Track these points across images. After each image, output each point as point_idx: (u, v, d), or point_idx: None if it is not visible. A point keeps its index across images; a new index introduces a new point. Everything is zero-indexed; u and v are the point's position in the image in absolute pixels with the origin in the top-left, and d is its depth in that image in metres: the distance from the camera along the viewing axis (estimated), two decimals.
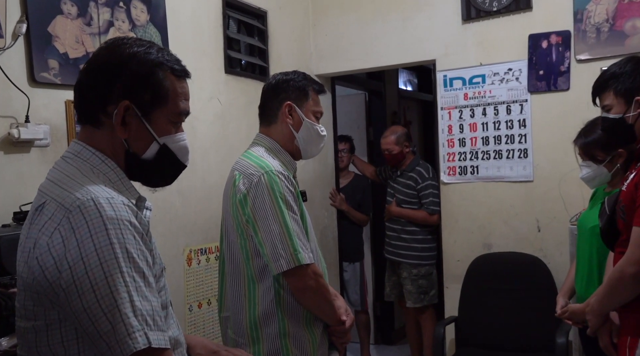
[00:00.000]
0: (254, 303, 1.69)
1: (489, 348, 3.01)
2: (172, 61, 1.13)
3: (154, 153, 1.12)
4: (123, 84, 1.07)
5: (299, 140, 1.80)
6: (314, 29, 3.67)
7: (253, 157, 1.75)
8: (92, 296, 0.93)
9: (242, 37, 3.07)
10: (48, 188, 1.05)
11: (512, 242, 3.14)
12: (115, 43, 1.11)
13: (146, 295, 0.98)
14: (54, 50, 2.02)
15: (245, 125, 2.99)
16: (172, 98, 1.12)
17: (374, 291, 4.55)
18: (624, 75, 1.76)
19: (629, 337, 1.74)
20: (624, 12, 2.82)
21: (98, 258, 0.94)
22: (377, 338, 4.56)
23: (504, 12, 3.10)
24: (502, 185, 3.17)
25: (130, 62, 1.08)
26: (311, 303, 1.69)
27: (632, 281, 1.67)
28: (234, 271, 1.74)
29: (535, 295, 2.94)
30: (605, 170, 2.20)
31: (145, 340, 0.94)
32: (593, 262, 2.25)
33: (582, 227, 2.36)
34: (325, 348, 1.79)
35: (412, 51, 3.38)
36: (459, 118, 3.27)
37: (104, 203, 0.98)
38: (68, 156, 1.10)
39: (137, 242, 1.00)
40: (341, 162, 4.06)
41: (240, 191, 1.68)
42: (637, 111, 1.74)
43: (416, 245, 3.56)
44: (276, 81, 1.83)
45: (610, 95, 1.78)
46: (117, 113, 1.07)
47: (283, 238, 1.61)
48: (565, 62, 2.96)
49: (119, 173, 1.10)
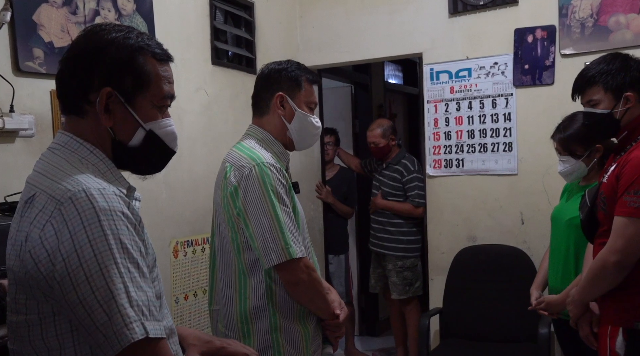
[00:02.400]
0: (244, 297, 1.68)
1: (473, 338, 3.04)
2: (152, 45, 1.11)
3: (141, 139, 1.10)
4: (103, 71, 1.05)
5: (292, 131, 1.78)
6: (301, 20, 3.65)
7: (245, 149, 1.72)
8: (87, 287, 0.92)
9: (229, 28, 3.05)
10: (37, 180, 1.03)
11: (497, 235, 3.17)
12: (93, 30, 1.09)
13: (141, 286, 0.97)
14: (39, 39, 1.99)
15: (232, 116, 2.98)
16: (155, 82, 1.10)
17: (359, 283, 4.57)
18: (614, 71, 1.79)
19: (610, 326, 1.79)
20: (607, 8, 2.85)
21: (92, 250, 0.93)
22: (361, 329, 4.59)
23: (490, 6, 3.11)
24: (487, 178, 3.20)
25: (109, 48, 1.06)
26: (304, 297, 1.67)
27: (614, 269, 1.72)
28: (225, 264, 1.73)
29: (519, 287, 2.98)
30: (583, 164, 2.25)
31: (143, 330, 0.94)
32: (570, 254, 2.29)
33: (557, 219, 2.39)
34: (318, 342, 1.78)
35: (399, 44, 3.39)
36: (445, 111, 3.29)
37: (96, 194, 0.97)
38: (55, 147, 1.08)
39: (131, 233, 0.99)
40: (327, 154, 4.07)
41: (231, 184, 1.66)
42: (626, 107, 1.78)
43: (401, 237, 3.58)
44: (269, 71, 1.80)
45: (600, 91, 1.81)
46: (100, 101, 1.05)
47: (274, 232, 1.59)
48: (550, 57, 2.99)
49: (107, 164, 1.09)
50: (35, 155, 1.99)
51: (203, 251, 2.73)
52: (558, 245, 2.36)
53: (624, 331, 1.73)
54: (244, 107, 3.05)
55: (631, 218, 1.67)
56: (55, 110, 2.03)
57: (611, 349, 1.75)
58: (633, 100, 1.77)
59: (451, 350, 3.02)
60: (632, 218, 1.67)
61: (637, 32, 2.78)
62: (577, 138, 2.23)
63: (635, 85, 1.79)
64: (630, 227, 1.68)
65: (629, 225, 1.68)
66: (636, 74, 1.79)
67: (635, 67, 1.81)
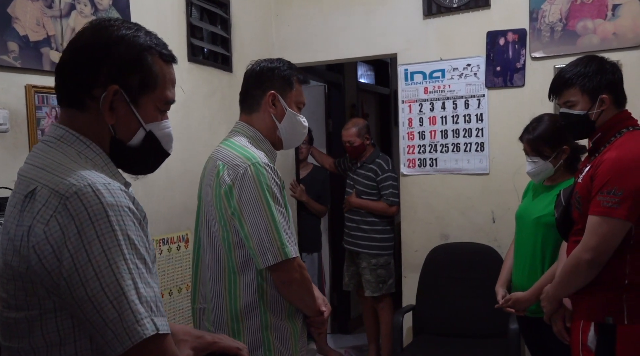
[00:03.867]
0: (235, 295, 1.66)
1: (445, 335, 3.10)
2: (160, 45, 1.10)
3: (140, 140, 1.10)
4: (111, 67, 1.03)
5: (281, 130, 1.77)
6: (276, 19, 3.65)
7: (237, 147, 1.70)
8: (97, 284, 0.91)
9: (205, 25, 3.03)
10: (34, 174, 1.00)
11: (468, 233, 3.24)
12: (102, 24, 1.07)
13: (149, 281, 0.96)
14: (13, 32, 1.94)
15: (208, 114, 2.97)
16: (161, 84, 1.09)
17: (331, 281, 4.60)
18: (590, 73, 1.85)
19: (582, 321, 1.84)
20: (576, 13, 2.94)
21: (101, 245, 0.92)
22: (333, 327, 4.62)
23: (463, 8, 3.18)
24: (459, 177, 3.27)
25: (118, 45, 1.04)
26: (295, 295, 1.68)
27: (588, 267, 1.77)
28: (214, 263, 1.71)
29: (490, 284, 3.02)
30: (550, 165, 2.31)
31: (153, 326, 0.93)
32: (536, 252, 2.34)
33: (522, 218, 2.44)
34: (304, 338, 1.79)
35: (374, 44, 3.42)
36: (419, 111, 3.34)
37: (102, 189, 0.95)
38: (50, 140, 1.05)
39: (137, 228, 0.98)
40: (300, 153, 4.08)
41: (225, 182, 1.63)
42: (601, 109, 1.84)
43: (375, 235, 3.62)
44: (260, 68, 1.78)
45: (576, 92, 1.86)
46: (106, 98, 1.03)
47: (270, 232, 1.58)
48: (521, 59, 3.07)
49: (104, 159, 1.07)
50: (10, 150, 1.96)
51: (179, 249, 2.71)
52: (524, 243, 2.41)
53: (595, 325, 1.79)
54: (220, 104, 3.04)
55: (604, 217, 1.73)
56: (30, 105, 1.99)
57: (583, 343, 1.81)
58: (608, 102, 1.84)
59: (424, 346, 3.07)
60: (605, 217, 1.73)
61: (603, 37, 2.88)
62: (544, 140, 2.30)
63: (610, 87, 1.85)
64: (603, 226, 1.73)
65: (602, 224, 1.74)
66: (611, 76, 1.85)
67: (611, 70, 1.87)
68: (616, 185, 1.71)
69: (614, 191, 1.71)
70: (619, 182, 1.71)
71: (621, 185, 1.70)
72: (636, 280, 1.74)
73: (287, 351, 1.69)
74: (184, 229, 2.74)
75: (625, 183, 1.70)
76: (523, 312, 2.37)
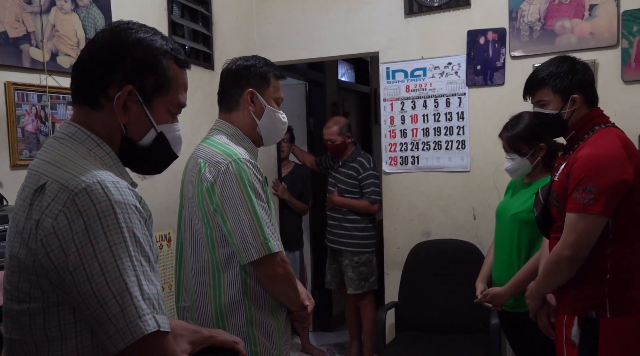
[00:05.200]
0: (219, 292, 1.67)
1: (428, 331, 3.13)
2: (175, 50, 1.14)
3: (151, 140, 1.13)
4: (127, 68, 1.07)
5: (261, 127, 1.78)
6: (257, 16, 3.64)
7: (218, 145, 1.71)
8: (102, 279, 0.93)
9: (187, 23, 3.01)
10: (45, 169, 1.02)
11: (450, 230, 3.27)
12: (121, 26, 1.11)
13: (152, 279, 0.98)
14: None
15: (190, 112, 2.94)
16: (174, 88, 1.13)
17: (313, 279, 4.61)
18: (562, 74, 1.89)
19: (566, 315, 1.88)
20: (554, 13, 2.99)
21: (107, 241, 0.94)
22: (315, 325, 4.63)
23: (444, 7, 3.20)
24: (441, 175, 3.30)
25: (136, 47, 1.08)
26: (279, 290, 1.69)
27: (568, 263, 1.81)
28: (197, 260, 1.71)
29: (471, 280, 3.06)
30: (528, 162, 2.35)
31: (155, 323, 0.95)
32: (513, 248, 2.38)
33: (502, 215, 2.49)
34: (288, 333, 1.80)
35: (356, 43, 3.43)
36: (401, 109, 3.36)
37: (111, 187, 0.98)
38: (62, 137, 1.07)
39: (143, 227, 1.00)
40: (282, 151, 4.07)
41: (207, 180, 1.64)
42: (572, 108, 1.88)
43: (357, 233, 3.64)
44: (236, 66, 1.79)
45: (549, 92, 1.90)
46: (120, 97, 1.06)
47: (253, 228, 1.60)
48: (501, 58, 3.11)
49: (114, 158, 1.10)
50: None
51: (161, 248, 2.69)
52: (503, 239, 2.45)
53: (579, 320, 1.83)
54: (202, 102, 3.02)
55: (581, 214, 1.77)
56: (10, 102, 1.95)
57: (567, 337, 1.85)
58: (579, 101, 1.88)
59: (406, 342, 3.09)
60: (582, 214, 1.77)
61: (580, 37, 2.94)
62: (522, 137, 2.34)
63: (581, 87, 1.89)
64: (580, 223, 1.77)
65: (579, 221, 1.78)
66: (581, 76, 1.90)
67: (582, 70, 1.91)
68: (591, 181, 1.75)
69: (589, 187, 1.75)
70: (593, 179, 1.75)
71: (596, 182, 1.74)
72: (617, 274, 1.78)
73: (272, 346, 1.70)
74: (167, 228, 2.72)
75: (600, 179, 1.74)
76: (501, 307, 2.41)
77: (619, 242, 1.79)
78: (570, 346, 1.84)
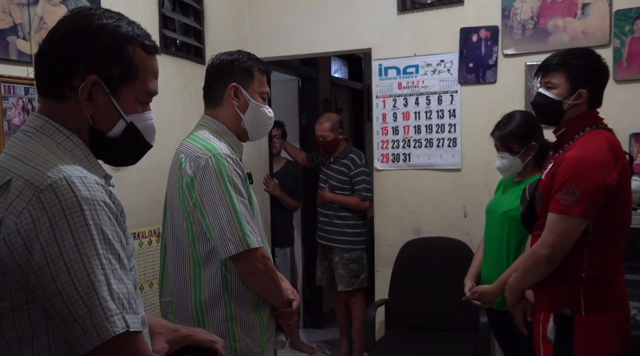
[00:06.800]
0: (199, 287, 1.67)
1: (417, 328, 3.13)
2: (142, 36, 1.08)
3: (120, 131, 1.08)
4: (90, 57, 1.01)
5: (246, 122, 1.78)
6: (250, 11, 3.62)
7: (199, 140, 1.71)
8: (68, 278, 0.89)
9: (178, 17, 2.98)
10: (10, 165, 0.98)
11: (440, 227, 3.27)
12: (83, 13, 1.05)
13: (122, 278, 0.95)
14: None
15: (180, 106, 2.92)
16: (142, 75, 1.08)
17: (303, 276, 4.60)
18: (580, 66, 1.87)
19: (543, 312, 1.91)
20: (547, 11, 2.99)
21: (73, 240, 0.90)
22: (305, 321, 4.63)
23: (437, 5, 3.20)
24: (432, 172, 3.29)
25: (99, 34, 1.02)
26: (260, 286, 1.68)
27: (546, 262, 1.84)
28: (179, 255, 1.70)
29: (461, 278, 3.07)
30: (519, 161, 2.36)
31: (124, 324, 0.92)
32: (503, 246, 2.39)
33: (492, 213, 2.50)
34: (272, 330, 1.79)
35: (349, 39, 3.42)
36: (393, 106, 3.35)
37: (78, 182, 0.93)
38: (29, 130, 1.03)
39: (112, 223, 0.96)
40: (274, 147, 4.06)
41: (187, 174, 1.64)
42: (576, 101, 1.87)
43: (348, 230, 3.63)
44: (220, 61, 1.78)
45: (561, 77, 1.89)
46: (84, 89, 1.01)
47: (231, 222, 1.59)
48: (493, 56, 3.10)
49: (84, 150, 1.05)
50: None
51: (150, 243, 2.67)
52: (492, 237, 2.46)
53: (554, 317, 1.85)
54: (192, 97, 3.00)
55: (562, 215, 1.79)
56: None
57: (543, 334, 1.87)
58: (584, 97, 1.87)
59: (396, 339, 3.09)
60: (563, 215, 1.78)
61: (573, 35, 2.94)
62: (514, 136, 2.34)
63: (593, 86, 1.88)
64: (561, 223, 1.79)
65: (560, 222, 1.79)
66: (599, 76, 1.89)
67: (601, 70, 1.90)
68: (574, 184, 1.76)
69: (572, 190, 1.76)
70: (576, 181, 1.76)
71: (579, 184, 1.75)
72: (592, 274, 1.81)
73: (253, 342, 1.69)
74: (156, 223, 2.70)
75: (583, 182, 1.75)
76: (489, 305, 2.42)
77: (597, 243, 1.81)
78: (547, 343, 1.86)
